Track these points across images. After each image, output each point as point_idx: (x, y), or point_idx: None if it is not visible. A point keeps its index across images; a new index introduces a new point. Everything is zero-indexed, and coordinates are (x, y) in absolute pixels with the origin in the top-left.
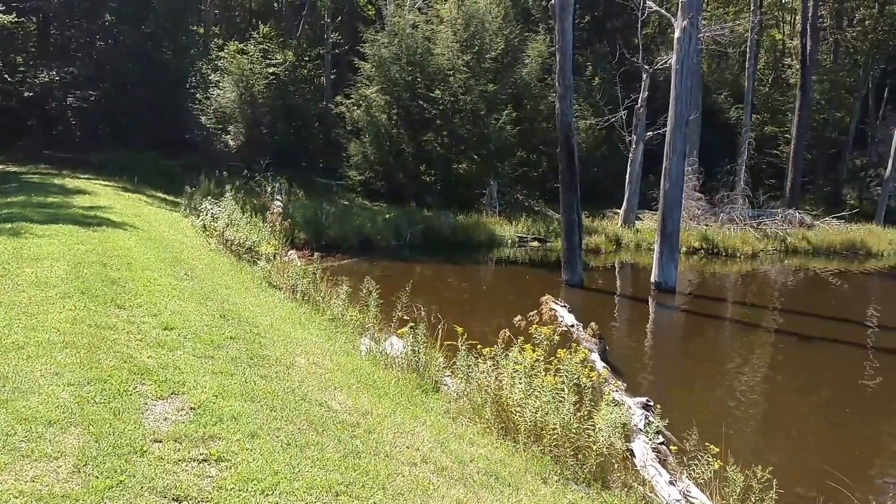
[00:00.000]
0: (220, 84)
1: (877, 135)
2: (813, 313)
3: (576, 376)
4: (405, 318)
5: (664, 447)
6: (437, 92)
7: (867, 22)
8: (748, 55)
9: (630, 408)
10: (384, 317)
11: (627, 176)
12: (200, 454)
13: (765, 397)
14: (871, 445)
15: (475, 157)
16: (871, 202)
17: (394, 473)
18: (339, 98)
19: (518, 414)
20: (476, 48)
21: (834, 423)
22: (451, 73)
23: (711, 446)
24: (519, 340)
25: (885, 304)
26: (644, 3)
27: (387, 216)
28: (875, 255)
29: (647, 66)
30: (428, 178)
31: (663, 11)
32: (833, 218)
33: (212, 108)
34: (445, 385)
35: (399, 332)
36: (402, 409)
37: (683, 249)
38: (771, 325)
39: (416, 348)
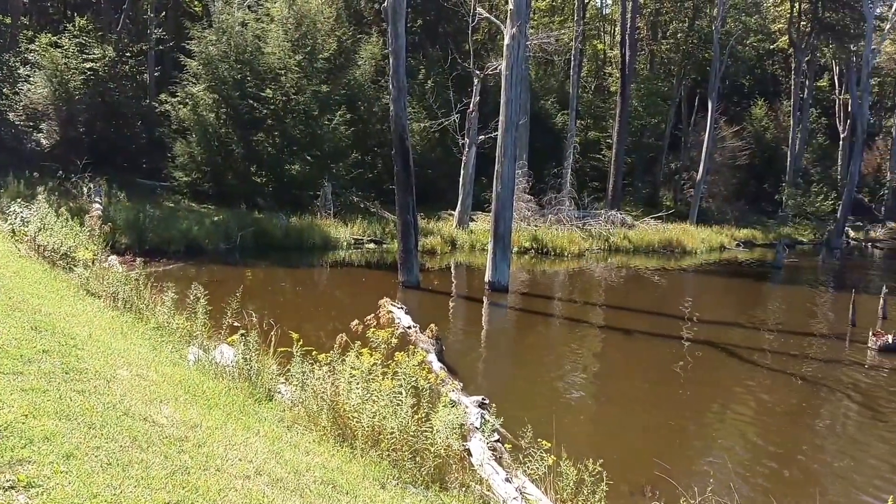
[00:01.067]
0: (31, 79)
1: (689, 140)
2: (635, 308)
3: (413, 379)
4: (236, 324)
5: (500, 445)
6: (269, 91)
7: (679, 35)
8: (572, 63)
9: (467, 407)
10: (214, 324)
11: (461, 178)
12: (7, 481)
13: (594, 390)
14: (691, 432)
15: (308, 158)
16: (685, 203)
17: (226, 488)
18: (163, 96)
19: (355, 420)
20: (308, 48)
21: (657, 412)
22: (283, 72)
23: (544, 442)
24: (356, 344)
25: (699, 297)
26: (474, 9)
27: (215, 219)
28: (689, 253)
29: (478, 72)
30: (259, 180)
31: (493, 18)
32: (651, 218)
33: (21, 104)
34: (280, 393)
35: (229, 339)
36: (233, 420)
37: (515, 249)
38: (598, 320)
39: (248, 356)
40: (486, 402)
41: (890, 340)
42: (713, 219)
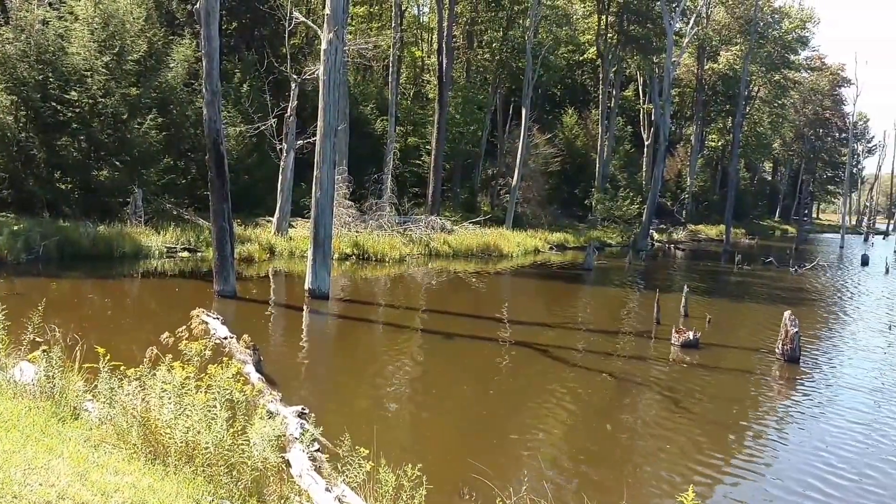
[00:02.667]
0: None
1: (504, 147)
2: (455, 312)
3: (228, 391)
4: (38, 340)
5: (320, 454)
6: (74, 94)
7: (494, 44)
8: (391, 70)
9: (285, 418)
10: (13, 340)
11: (279, 184)
12: None
13: (415, 395)
14: (508, 433)
15: (117, 163)
16: (502, 208)
17: None
18: None
19: (168, 436)
20: (116, 49)
21: (475, 414)
22: (89, 74)
23: (363, 449)
24: (168, 358)
25: (515, 300)
26: (291, 13)
27: (15, 227)
28: (506, 256)
29: (295, 76)
30: (64, 186)
31: (310, 23)
32: (470, 223)
33: None
34: (87, 411)
35: (30, 356)
36: (34, 442)
37: (336, 256)
38: (419, 325)
39: (51, 373)
40: (307, 411)
41: (691, 337)
42: (528, 223)
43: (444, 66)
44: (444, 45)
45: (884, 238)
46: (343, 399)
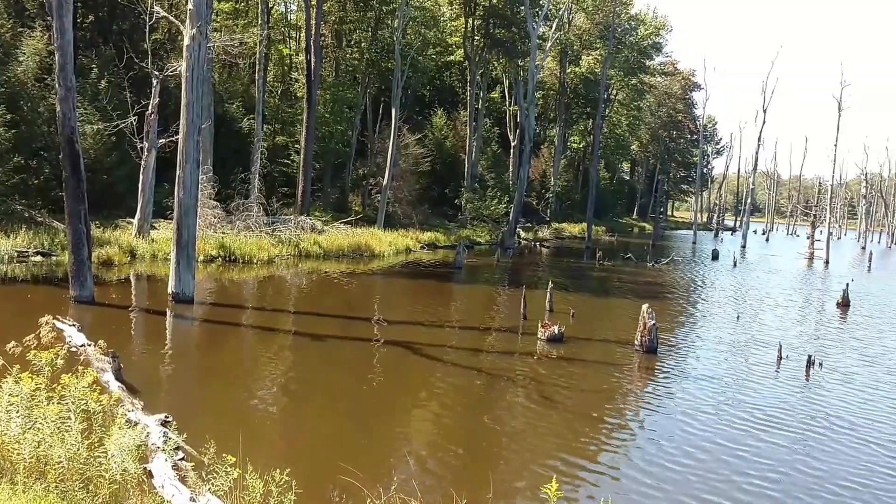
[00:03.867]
0: None
1: (375, 147)
2: (327, 313)
3: (84, 401)
4: None
5: (184, 463)
6: None
7: (363, 44)
8: (258, 67)
9: (147, 427)
10: None
11: (140, 184)
12: None
13: (285, 399)
14: (380, 433)
15: None
16: (373, 208)
17: None
18: None
19: (16, 452)
20: None
21: (347, 416)
22: None
23: (230, 456)
24: (15, 368)
25: (388, 299)
26: (152, 7)
27: None
28: (378, 256)
29: (157, 73)
30: None
31: (172, 18)
32: (341, 223)
33: None
34: None
35: None
36: None
37: (201, 258)
38: (289, 327)
39: None
40: (170, 419)
41: (556, 331)
42: (400, 223)
43: (313, 64)
44: (311, 44)
45: (731, 234)
46: (209, 405)
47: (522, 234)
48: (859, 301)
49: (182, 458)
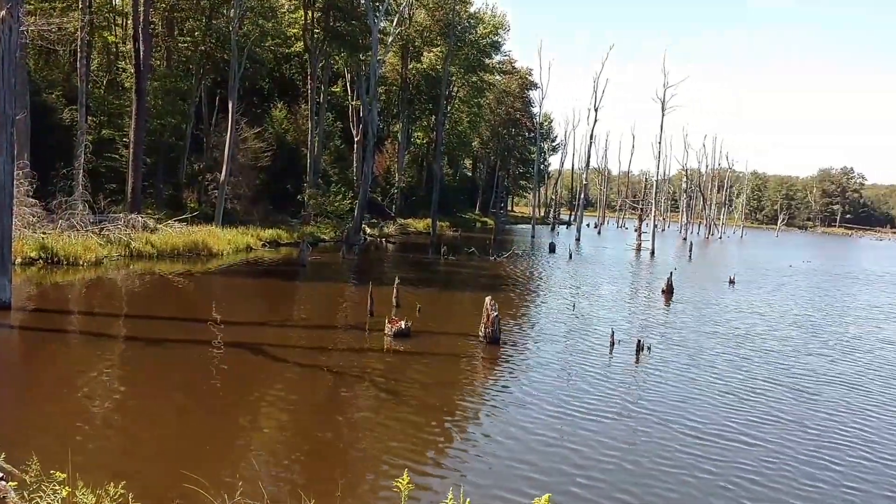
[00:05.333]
0: None
1: (212, 141)
2: (162, 316)
3: None
4: None
5: (5, 483)
6: None
7: (197, 33)
8: (79, 55)
9: None
10: None
11: None
12: None
13: (119, 409)
14: (223, 438)
15: None
16: (211, 205)
17: None
18: None
19: None
20: None
21: (188, 422)
22: None
23: (59, 473)
24: None
25: (228, 300)
26: None
27: None
28: (216, 255)
29: None
30: None
31: None
32: (176, 221)
33: None
34: None
35: None
36: None
37: (18, 261)
38: (121, 332)
39: None
40: None
41: (403, 326)
42: (239, 220)
43: (142, 53)
44: (140, 32)
45: (567, 227)
46: (32, 420)
47: (368, 230)
48: (681, 288)
49: (1, 478)
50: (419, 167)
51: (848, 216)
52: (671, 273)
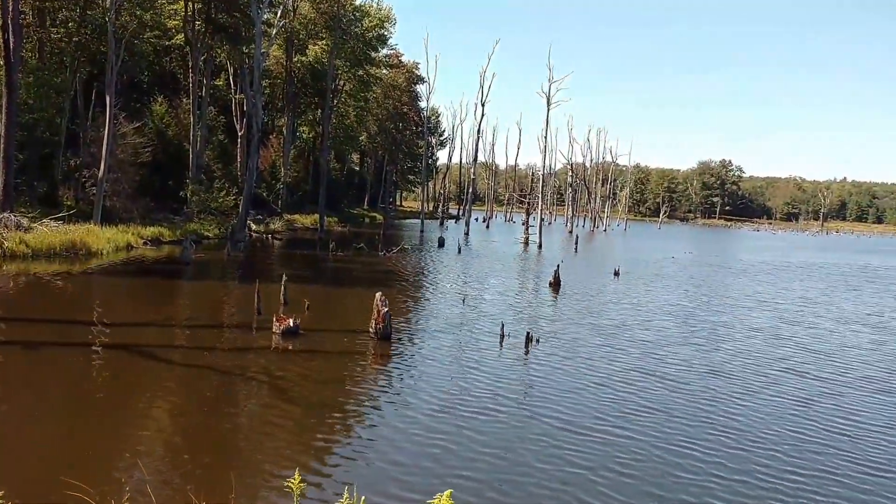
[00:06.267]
0: None
1: (88, 136)
2: (39, 319)
3: None
4: None
5: None
6: None
7: (71, 24)
8: None
9: None
10: None
11: None
12: None
13: None
14: (107, 442)
15: None
16: (88, 202)
17: None
18: None
19: None
20: None
21: (70, 427)
22: None
23: None
24: None
25: (109, 300)
26: None
27: None
28: (96, 254)
29: None
30: None
31: None
32: (51, 219)
33: None
34: None
35: None
36: None
37: None
38: None
39: None
40: None
41: (291, 324)
42: (119, 217)
43: (12, 45)
44: (10, 22)
45: (455, 222)
46: None
47: (254, 226)
48: (568, 280)
49: None
50: (306, 162)
51: (727, 208)
52: (558, 266)
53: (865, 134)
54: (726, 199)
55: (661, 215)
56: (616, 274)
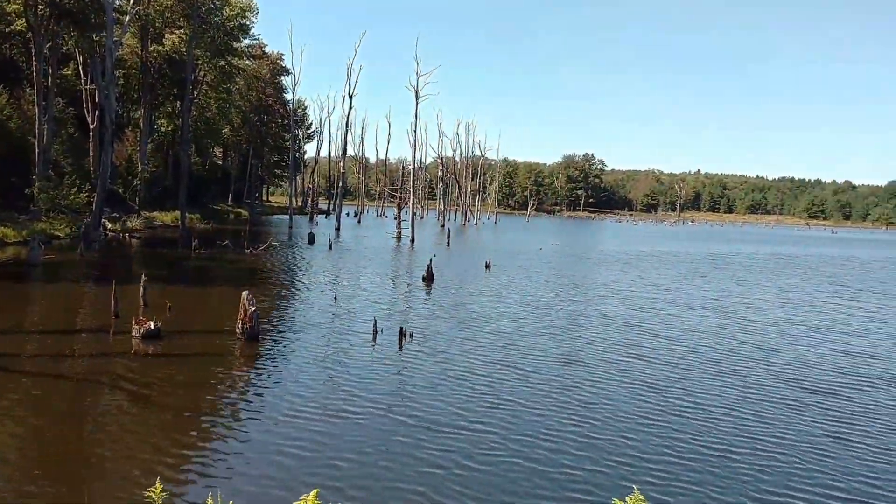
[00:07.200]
0: None
1: None
2: None
3: None
4: None
5: None
6: None
7: None
8: None
9: None
10: None
11: None
12: None
13: None
14: None
15: None
16: None
17: None
18: None
19: None
20: None
21: None
22: None
23: None
24: None
25: None
26: None
27: None
28: None
29: None
30: None
31: None
32: None
33: None
34: None
35: None
36: None
37: None
38: None
39: None
40: None
41: (152, 327)
42: None
43: None
44: None
45: (326, 217)
46: None
47: (109, 225)
48: (441, 274)
49: None
50: (165, 156)
51: (591, 200)
52: (430, 260)
53: (717, 127)
54: (590, 191)
55: (529, 208)
56: (487, 266)
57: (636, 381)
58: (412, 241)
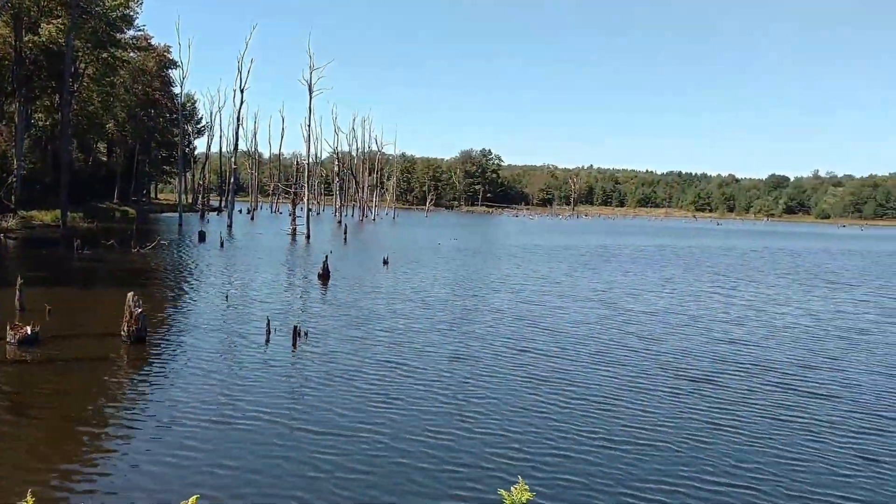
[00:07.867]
0: None
1: None
2: None
3: None
4: None
5: None
6: None
7: None
8: None
9: None
10: None
11: None
12: None
13: None
14: None
15: None
16: None
17: None
18: None
19: None
20: None
21: None
22: None
23: None
24: None
25: None
26: None
27: None
28: None
29: None
30: None
31: None
32: None
33: None
34: None
35: None
36: None
37: None
38: None
39: None
40: None
41: (29, 332)
42: None
43: None
44: None
45: (218, 214)
46: None
47: None
48: (338, 271)
49: None
50: (44, 152)
51: (489, 195)
52: (326, 257)
53: (612, 122)
54: (487, 186)
55: (427, 203)
56: (385, 262)
57: (522, 375)
58: (308, 237)
